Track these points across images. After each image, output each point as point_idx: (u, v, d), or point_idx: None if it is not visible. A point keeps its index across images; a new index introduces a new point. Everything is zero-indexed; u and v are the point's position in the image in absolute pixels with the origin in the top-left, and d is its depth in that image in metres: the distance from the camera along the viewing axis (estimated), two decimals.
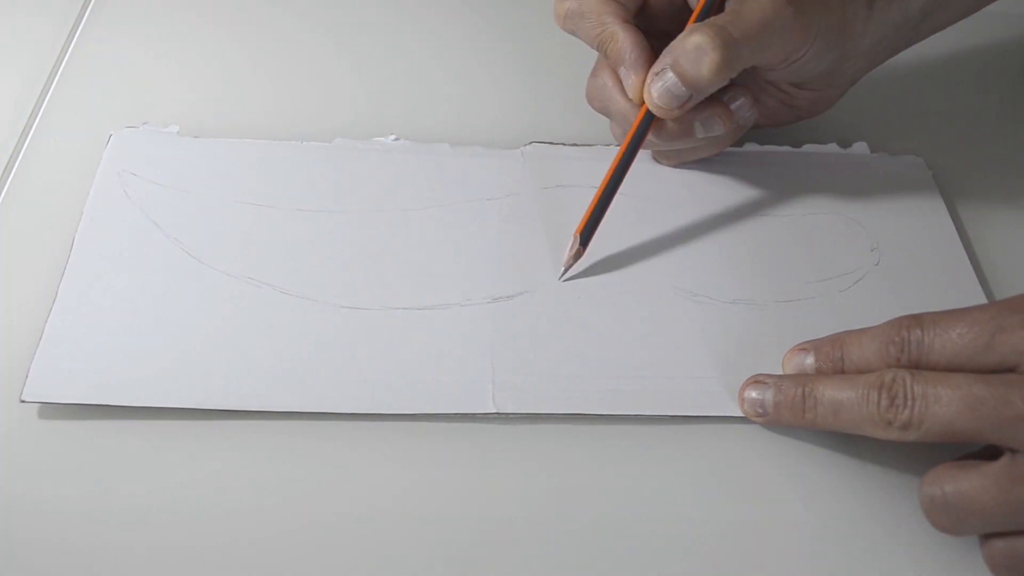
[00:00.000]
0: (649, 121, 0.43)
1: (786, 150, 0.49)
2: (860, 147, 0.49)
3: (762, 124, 0.47)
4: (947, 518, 0.33)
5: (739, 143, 0.48)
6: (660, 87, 0.41)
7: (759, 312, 0.42)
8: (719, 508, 0.36)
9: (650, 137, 0.43)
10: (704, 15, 0.42)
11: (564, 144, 0.48)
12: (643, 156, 0.47)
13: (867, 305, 0.42)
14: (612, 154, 0.47)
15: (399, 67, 0.53)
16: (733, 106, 0.44)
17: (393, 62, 0.53)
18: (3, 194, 0.45)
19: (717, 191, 0.46)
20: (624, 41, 0.42)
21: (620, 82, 0.44)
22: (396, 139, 0.48)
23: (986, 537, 0.34)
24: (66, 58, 0.52)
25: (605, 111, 0.45)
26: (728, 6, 0.42)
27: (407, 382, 0.39)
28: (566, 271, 0.42)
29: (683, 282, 0.43)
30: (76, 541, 0.34)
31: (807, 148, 0.49)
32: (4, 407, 0.37)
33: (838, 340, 0.38)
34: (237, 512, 0.35)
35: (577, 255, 0.42)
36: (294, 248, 0.43)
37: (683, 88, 0.41)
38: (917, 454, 0.37)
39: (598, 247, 0.43)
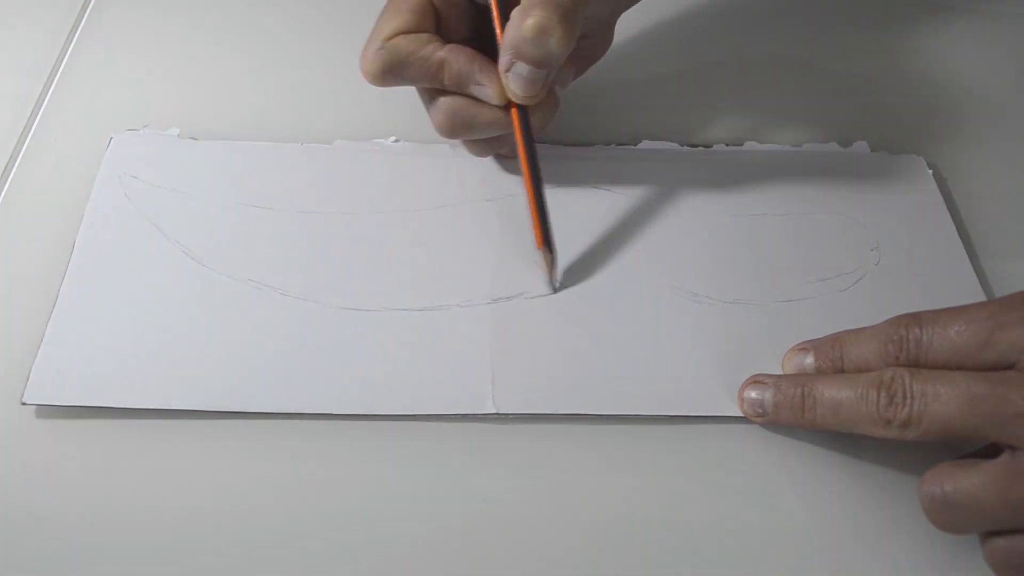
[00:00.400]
0: (525, 112, 0.42)
1: (786, 150, 0.49)
2: (860, 147, 0.49)
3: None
4: (947, 517, 0.33)
5: (739, 143, 0.48)
6: (518, 80, 0.40)
7: (759, 312, 0.42)
8: (719, 508, 0.36)
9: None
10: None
11: (563, 144, 0.48)
12: (636, 158, 0.48)
13: (867, 305, 0.42)
14: (613, 154, 0.48)
15: None
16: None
17: None
18: (4, 196, 0.45)
19: (717, 191, 0.46)
20: (459, 62, 0.41)
21: (471, 99, 0.42)
22: (396, 141, 0.48)
23: (987, 536, 0.34)
24: (66, 60, 0.52)
25: (470, 129, 0.43)
26: None
27: (407, 383, 0.39)
28: (552, 281, 0.42)
29: (683, 282, 0.43)
30: (77, 542, 0.34)
31: (807, 148, 0.49)
32: (5, 409, 0.38)
33: (837, 339, 0.38)
34: (237, 512, 0.35)
35: (552, 263, 0.42)
36: (294, 250, 0.43)
37: (540, 71, 0.40)
38: (916, 454, 0.37)
39: (598, 247, 0.43)
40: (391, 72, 0.41)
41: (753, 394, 0.38)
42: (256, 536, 0.35)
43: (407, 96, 0.51)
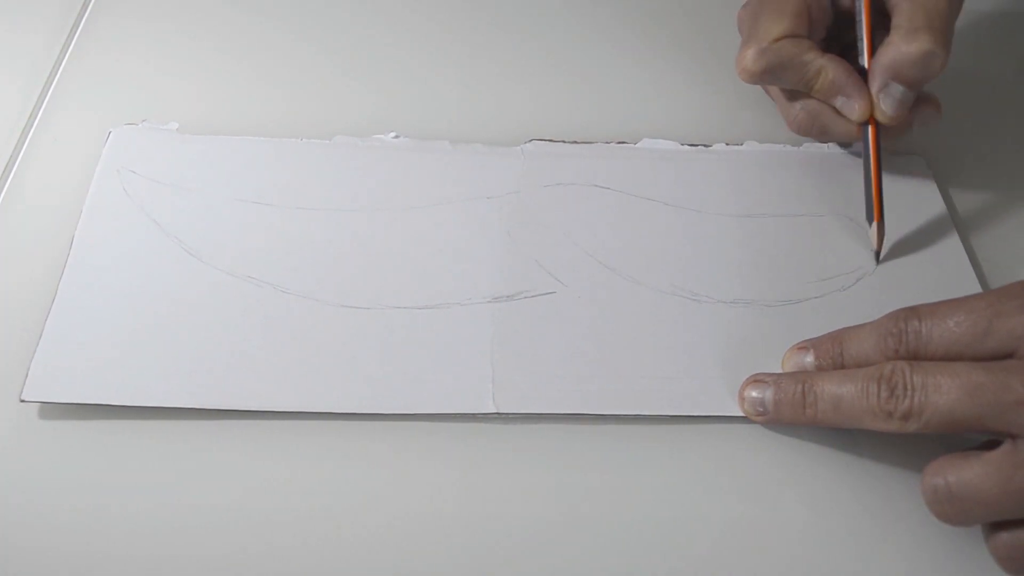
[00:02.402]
0: (878, 132, 0.44)
1: (786, 149, 0.48)
2: (860, 147, 0.49)
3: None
4: (951, 508, 0.33)
5: (739, 142, 0.48)
6: (891, 101, 0.43)
7: (759, 312, 0.42)
8: (720, 507, 0.36)
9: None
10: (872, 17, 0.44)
11: (564, 141, 0.48)
12: (636, 157, 0.47)
13: (867, 305, 0.42)
14: (612, 152, 0.48)
15: (399, 65, 0.53)
16: None
17: (393, 60, 0.53)
18: (2, 192, 0.45)
19: (717, 190, 0.46)
20: (835, 72, 0.44)
21: (832, 108, 0.45)
22: (396, 137, 0.48)
23: (991, 530, 0.34)
24: (66, 55, 0.52)
25: (824, 135, 0.47)
26: (901, 6, 0.43)
27: (407, 382, 0.39)
28: (878, 253, 0.44)
29: (683, 282, 0.43)
30: (76, 541, 0.34)
31: (807, 147, 0.49)
32: (4, 406, 0.37)
33: (837, 337, 0.38)
34: (236, 511, 0.35)
35: (881, 237, 0.44)
36: (294, 247, 0.43)
37: (911, 93, 0.43)
38: (916, 451, 0.37)
39: (598, 246, 0.43)
40: (770, 72, 0.44)
41: (753, 393, 0.38)
42: (255, 534, 0.35)
43: (407, 93, 0.51)
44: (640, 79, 0.53)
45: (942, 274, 0.44)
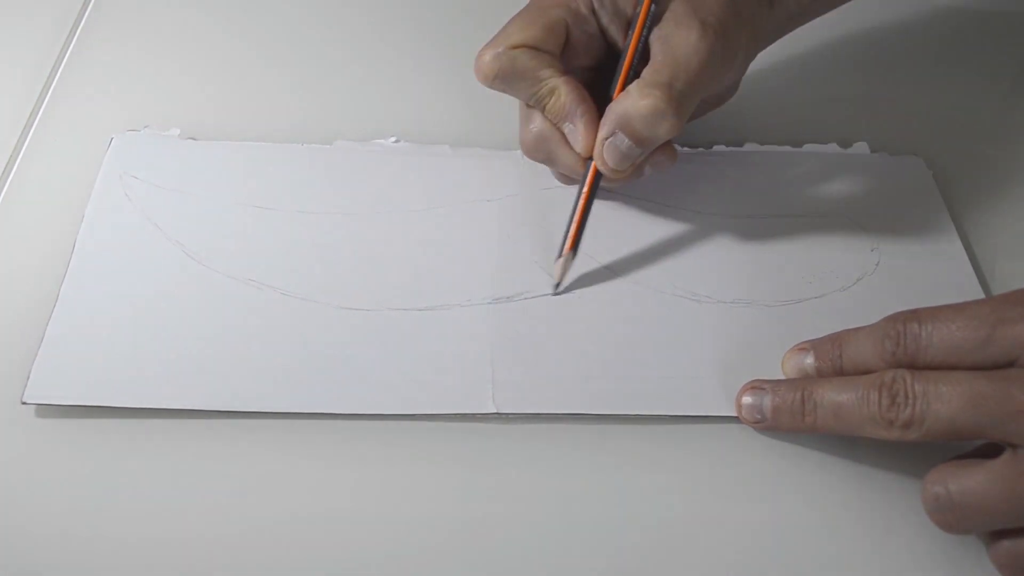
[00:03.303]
0: (598, 174, 0.42)
1: (786, 150, 0.49)
2: (860, 147, 0.49)
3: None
4: (952, 516, 0.33)
5: (739, 143, 0.49)
6: (614, 152, 0.40)
7: (759, 312, 0.42)
8: (719, 508, 0.36)
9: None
10: (636, 56, 0.41)
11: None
12: None
13: (867, 306, 0.42)
14: None
15: (399, 69, 0.53)
16: None
17: (393, 64, 0.53)
18: (4, 196, 0.45)
19: (717, 191, 0.46)
20: (567, 96, 0.41)
21: (561, 134, 0.42)
22: (396, 141, 0.48)
23: (992, 538, 0.34)
24: (66, 61, 0.52)
25: (548, 161, 0.44)
26: (658, 50, 0.40)
27: (407, 382, 0.39)
28: (558, 285, 0.42)
29: (683, 282, 0.43)
30: (77, 541, 0.34)
31: (807, 148, 0.49)
32: (5, 408, 0.38)
33: (837, 339, 0.38)
34: (237, 512, 0.35)
35: (568, 268, 0.42)
36: (295, 250, 0.43)
37: (637, 149, 0.40)
38: (915, 454, 0.37)
39: (598, 247, 0.43)
40: (501, 80, 0.41)
41: (750, 400, 0.38)
42: (255, 533, 0.35)
43: (407, 97, 0.51)
44: None
45: (942, 275, 0.44)
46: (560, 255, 0.42)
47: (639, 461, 0.37)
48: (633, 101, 0.39)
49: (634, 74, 0.41)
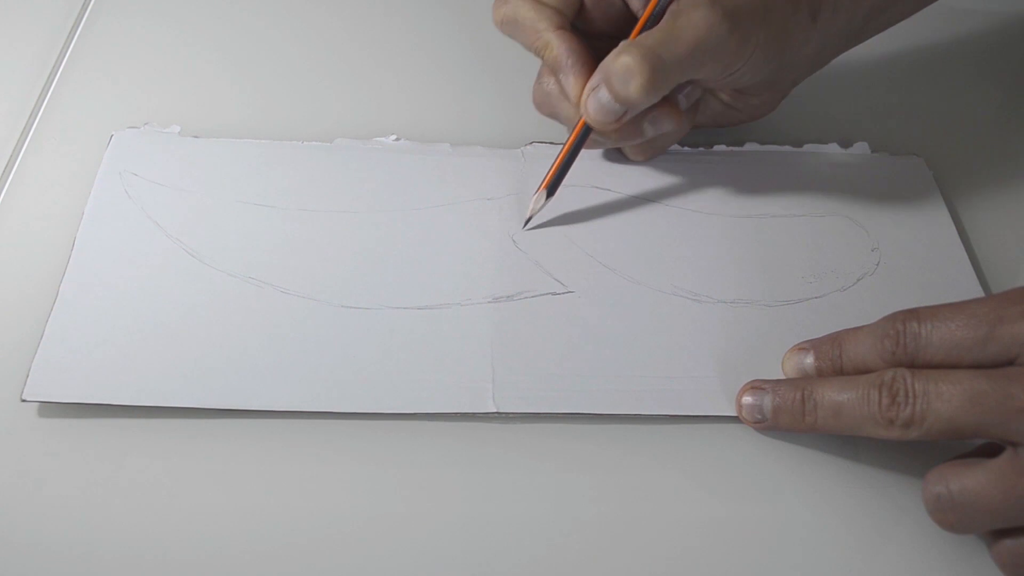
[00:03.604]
0: (588, 131, 0.43)
1: (786, 150, 0.49)
2: (861, 147, 0.49)
3: (707, 125, 0.47)
4: (953, 516, 0.33)
5: (739, 143, 0.49)
6: (595, 103, 0.41)
7: (759, 312, 0.42)
8: (719, 508, 0.36)
9: (599, 138, 0.44)
10: (648, 26, 0.42)
11: (564, 144, 0.48)
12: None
13: (867, 306, 0.42)
14: (612, 154, 0.48)
15: (400, 67, 0.53)
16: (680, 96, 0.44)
17: (394, 62, 0.53)
18: (4, 193, 0.45)
19: (717, 191, 0.46)
20: (559, 48, 0.42)
21: (563, 89, 0.43)
22: (397, 139, 0.48)
23: (994, 537, 0.34)
24: (67, 57, 0.52)
25: (554, 116, 0.45)
26: (663, 21, 0.40)
27: (407, 382, 0.39)
28: (528, 221, 0.44)
29: (683, 282, 0.43)
30: (76, 540, 0.34)
31: (808, 148, 0.49)
32: (5, 406, 0.38)
33: (836, 338, 0.38)
34: (237, 511, 0.35)
35: (538, 209, 0.44)
36: (295, 248, 0.43)
37: (615, 104, 0.40)
38: (915, 453, 0.37)
39: (598, 246, 0.43)
40: (505, 26, 0.44)
41: (751, 400, 0.38)
42: (255, 533, 0.35)
43: (408, 95, 0.51)
44: None
45: (942, 274, 0.44)
46: (537, 191, 0.44)
47: (639, 461, 0.37)
48: (614, 56, 0.40)
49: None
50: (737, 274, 0.43)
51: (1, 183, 0.46)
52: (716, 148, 0.48)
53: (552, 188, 0.44)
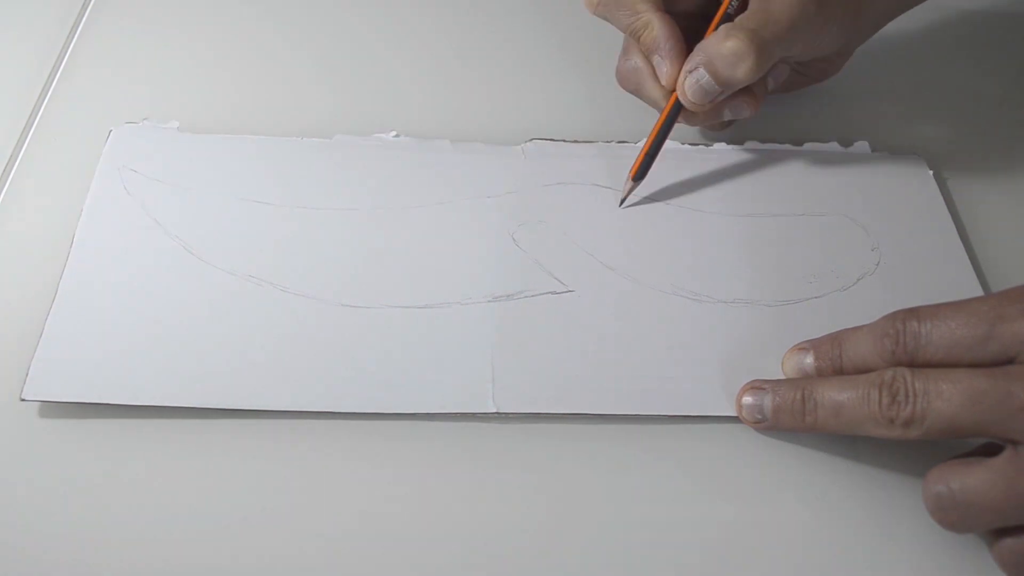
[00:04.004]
0: (679, 108, 0.44)
1: (786, 149, 0.49)
2: (861, 146, 0.49)
3: (775, 91, 0.48)
4: (954, 515, 0.33)
5: (739, 142, 0.48)
6: (694, 84, 0.43)
7: (759, 312, 0.42)
8: (719, 508, 0.36)
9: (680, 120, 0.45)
10: (731, 7, 0.44)
11: (565, 141, 0.48)
12: (638, 154, 0.47)
13: (867, 305, 0.42)
14: (613, 151, 0.48)
15: (400, 63, 0.53)
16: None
17: (394, 58, 0.53)
18: (3, 190, 0.45)
19: (717, 190, 0.46)
20: (659, 30, 0.44)
21: (652, 68, 0.45)
22: (397, 135, 0.48)
23: (996, 537, 0.34)
24: (67, 54, 0.52)
25: (636, 93, 0.47)
26: (754, 2, 0.43)
27: (407, 381, 0.39)
28: (624, 201, 0.45)
29: (683, 282, 0.43)
30: (76, 540, 0.34)
31: (808, 147, 0.49)
32: (4, 405, 0.37)
33: (836, 338, 0.38)
34: (236, 510, 0.35)
35: (630, 191, 0.45)
36: (294, 245, 0.43)
37: (716, 86, 0.42)
38: (916, 454, 0.37)
39: (598, 246, 0.43)
40: (603, 7, 0.45)
41: (751, 400, 0.38)
42: (254, 532, 0.35)
43: (408, 92, 0.51)
44: None
45: (942, 274, 0.44)
46: (627, 177, 0.45)
47: (639, 461, 0.38)
48: (718, 40, 0.42)
49: (727, 20, 0.43)
50: (737, 274, 0.43)
51: (3, 180, 0.46)
52: (716, 147, 0.48)
53: (642, 173, 0.45)
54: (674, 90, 0.44)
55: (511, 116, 0.50)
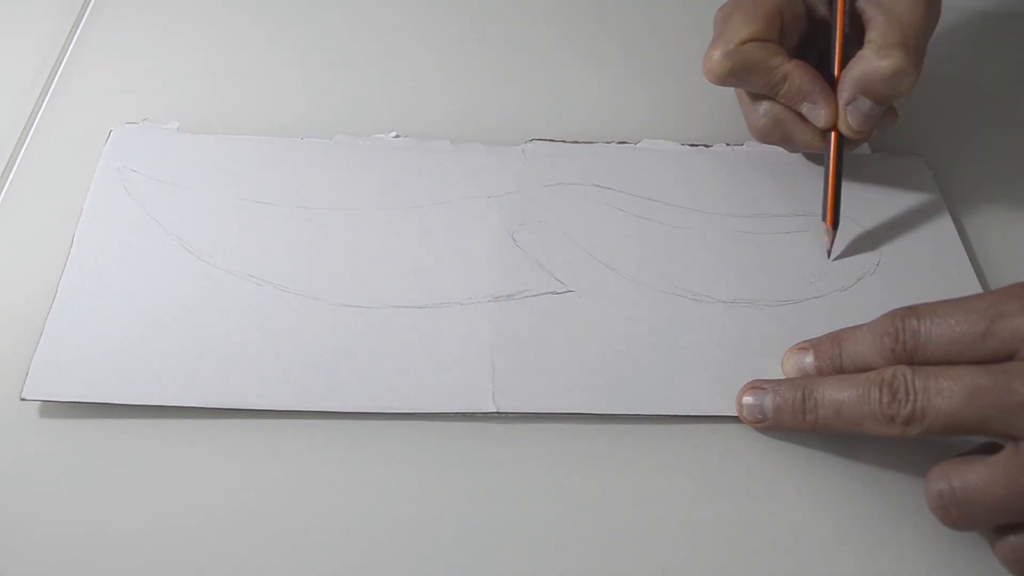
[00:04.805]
0: (843, 141, 0.44)
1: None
2: (860, 147, 0.49)
3: None
4: (956, 513, 0.33)
5: (739, 142, 0.49)
6: (857, 115, 0.43)
7: (759, 312, 0.42)
8: (720, 508, 0.36)
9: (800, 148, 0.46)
10: (846, 27, 0.44)
11: (565, 141, 0.48)
12: (636, 157, 0.48)
13: (867, 305, 0.42)
14: (612, 152, 0.48)
15: (399, 64, 0.53)
16: None
17: (393, 59, 0.53)
18: (3, 191, 0.45)
19: (717, 191, 0.46)
20: (801, 80, 0.43)
21: (797, 114, 0.45)
22: (396, 136, 0.48)
23: (997, 534, 0.34)
24: (67, 54, 0.52)
25: (785, 143, 0.46)
26: (876, 15, 0.43)
27: (407, 381, 0.39)
28: (831, 251, 0.44)
29: (683, 282, 0.43)
30: (76, 539, 0.34)
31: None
32: (4, 405, 0.37)
33: (836, 337, 0.38)
34: (237, 510, 0.35)
35: (833, 238, 0.44)
36: (294, 246, 0.43)
37: (878, 109, 0.43)
38: (916, 453, 0.37)
39: (598, 246, 0.43)
40: (735, 75, 0.44)
41: (751, 400, 0.38)
42: (254, 532, 0.35)
43: (408, 92, 0.51)
44: (640, 79, 0.53)
45: (942, 274, 0.44)
46: (825, 227, 0.44)
47: (639, 461, 0.38)
48: (872, 63, 0.42)
49: (846, 41, 0.44)
50: (737, 274, 0.43)
51: (3, 180, 0.46)
52: (716, 147, 0.48)
53: (837, 217, 0.44)
54: (830, 129, 0.44)
55: (511, 117, 0.50)
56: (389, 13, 0.56)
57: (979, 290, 0.43)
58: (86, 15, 0.54)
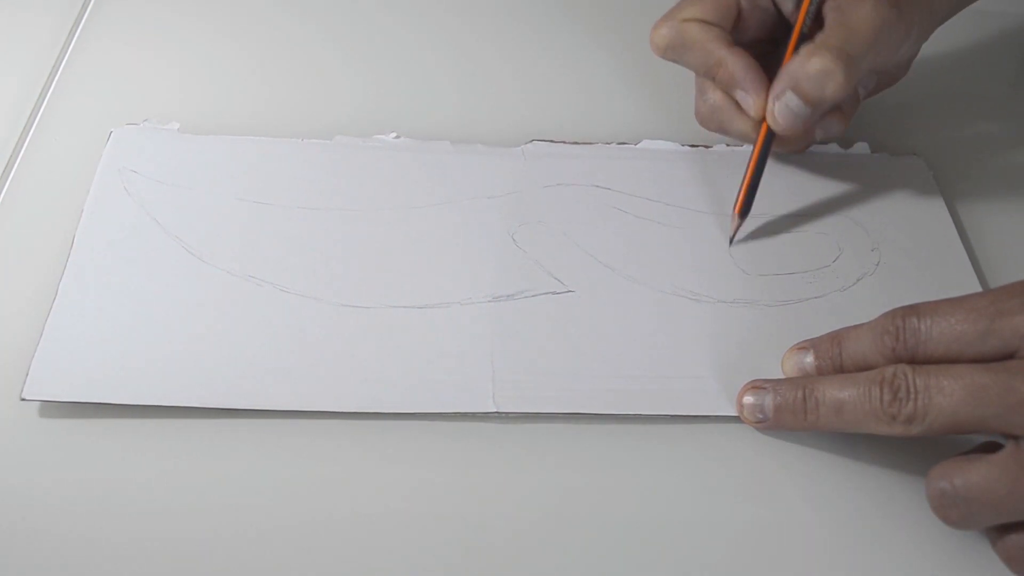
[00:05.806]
0: (771, 137, 0.44)
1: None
2: (860, 147, 0.49)
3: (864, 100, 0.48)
4: (957, 511, 0.33)
5: (738, 143, 0.48)
6: (784, 110, 0.42)
7: (759, 312, 0.42)
8: (719, 508, 0.36)
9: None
10: (805, 26, 0.43)
11: (565, 142, 0.48)
12: (636, 157, 0.48)
13: (867, 305, 0.42)
14: (612, 153, 0.48)
15: (400, 64, 0.53)
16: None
17: (394, 59, 0.53)
18: (4, 191, 0.45)
19: (717, 191, 0.46)
20: (734, 66, 0.43)
21: (735, 103, 0.44)
22: (397, 137, 0.48)
23: (999, 533, 0.34)
24: (67, 55, 0.52)
25: (722, 131, 0.46)
26: (831, 18, 0.42)
27: (407, 381, 0.39)
28: (733, 239, 0.44)
29: (683, 282, 0.43)
30: (76, 539, 0.34)
31: (808, 148, 0.49)
32: (4, 405, 0.37)
33: (836, 337, 0.38)
34: (237, 510, 0.35)
35: (738, 227, 0.44)
36: (294, 246, 0.43)
37: (806, 108, 0.42)
38: (917, 452, 0.37)
39: (598, 247, 0.43)
40: (672, 50, 0.44)
41: (752, 399, 0.38)
42: (255, 532, 0.35)
43: (408, 93, 0.51)
44: (641, 80, 0.53)
45: (942, 274, 0.44)
46: (732, 211, 0.44)
47: (639, 461, 0.37)
48: (802, 61, 0.41)
49: (801, 39, 0.43)
50: (737, 274, 0.43)
51: (3, 180, 0.46)
52: (715, 147, 0.48)
53: (747, 208, 0.44)
54: (763, 119, 0.44)
55: (511, 117, 0.50)
56: (389, 14, 0.56)
57: (979, 289, 0.43)
58: (86, 15, 0.54)
